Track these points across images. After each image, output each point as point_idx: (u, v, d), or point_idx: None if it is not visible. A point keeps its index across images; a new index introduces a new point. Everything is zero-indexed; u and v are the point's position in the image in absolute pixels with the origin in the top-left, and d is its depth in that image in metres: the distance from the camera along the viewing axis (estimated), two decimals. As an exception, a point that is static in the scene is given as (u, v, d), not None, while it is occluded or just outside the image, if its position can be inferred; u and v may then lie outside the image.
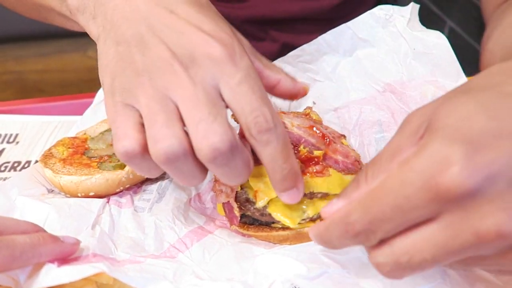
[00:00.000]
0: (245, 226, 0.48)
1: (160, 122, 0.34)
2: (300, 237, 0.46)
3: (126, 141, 0.35)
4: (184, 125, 0.36)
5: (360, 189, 0.31)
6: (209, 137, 0.33)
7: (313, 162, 0.47)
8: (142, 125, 0.35)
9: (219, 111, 0.35)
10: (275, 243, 0.48)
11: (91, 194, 0.49)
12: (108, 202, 0.49)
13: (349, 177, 0.47)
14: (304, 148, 0.46)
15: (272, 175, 0.38)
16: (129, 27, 0.36)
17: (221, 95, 0.36)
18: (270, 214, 0.45)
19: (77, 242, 0.39)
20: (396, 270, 0.29)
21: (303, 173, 0.45)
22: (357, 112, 0.57)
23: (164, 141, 0.34)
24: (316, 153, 0.46)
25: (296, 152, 0.46)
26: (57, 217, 0.44)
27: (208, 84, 0.35)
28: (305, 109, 0.56)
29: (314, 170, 0.46)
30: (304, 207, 0.46)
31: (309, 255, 0.42)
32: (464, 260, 0.28)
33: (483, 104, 0.27)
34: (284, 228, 0.46)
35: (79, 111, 0.66)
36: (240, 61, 0.35)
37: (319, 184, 0.46)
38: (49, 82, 1.85)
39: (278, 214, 0.45)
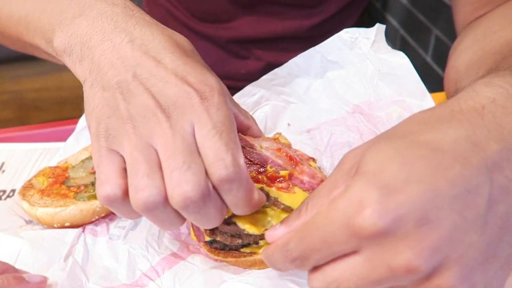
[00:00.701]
0: (216, 252, 0.49)
1: (141, 172, 0.35)
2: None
3: (108, 186, 0.35)
4: None
5: (300, 218, 0.34)
6: (181, 186, 0.34)
7: (279, 180, 0.48)
8: (125, 170, 0.36)
9: (194, 159, 0.35)
10: (244, 268, 0.49)
11: (67, 224, 0.50)
12: (83, 231, 0.49)
13: None
14: (270, 168, 0.47)
15: (235, 210, 0.40)
16: (116, 74, 0.36)
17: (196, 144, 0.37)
18: (235, 223, 0.46)
19: (44, 280, 0.41)
20: None
21: (269, 186, 0.47)
22: (328, 134, 0.57)
23: (144, 191, 0.34)
24: (282, 172, 0.48)
25: (263, 171, 0.47)
26: (30, 251, 0.46)
27: (187, 131, 0.36)
28: (274, 135, 0.57)
29: (280, 186, 0.48)
30: (269, 218, 0.47)
31: (274, 280, 0.43)
32: None
33: (398, 151, 0.30)
34: (252, 253, 0.47)
35: (64, 137, 0.67)
36: (216, 112, 0.37)
37: (284, 196, 0.47)
38: (46, 100, 1.88)
39: (244, 224, 0.46)
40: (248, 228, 0.45)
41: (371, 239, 0.29)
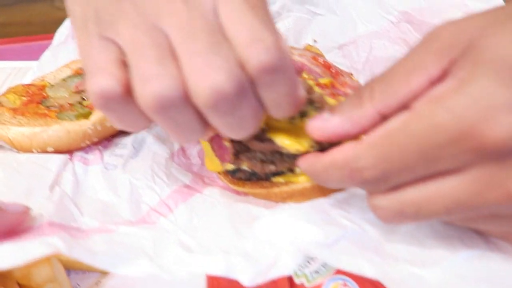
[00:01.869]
0: (240, 182, 0.40)
1: (149, 57, 0.27)
2: (307, 193, 0.38)
3: (103, 77, 0.27)
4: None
5: (363, 108, 0.28)
6: (209, 74, 0.26)
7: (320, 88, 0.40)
8: (124, 63, 0.28)
9: (221, 41, 0.27)
10: (277, 202, 0.40)
11: (49, 149, 0.41)
12: (70, 158, 0.42)
13: None
14: (307, 76, 0.38)
15: (276, 114, 0.31)
16: None
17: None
18: (270, 140, 0.36)
19: (26, 210, 0.31)
20: (397, 218, 0.28)
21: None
22: (367, 48, 0.51)
23: (156, 80, 0.26)
24: (323, 80, 0.39)
25: None
26: (2, 177, 0.35)
27: (207, 7, 0.27)
28: (304, 46, 0.47)
29: (324, 93, 0.38)
30: None
31: (321, 215, 0.34)
32: (469, 216, 0.27)
33: None
34: (287, 182, 0.38)
35: (36, 55, 0.57)
36: None
37: (330, 101, 0.38)
38: (15, 36, 1.70)
39: (281, 138, 0.36)
40: (289, 145, 0.35)
41: (495, 156, 0.24)
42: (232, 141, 0.37)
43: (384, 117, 0.28)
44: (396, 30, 0.50)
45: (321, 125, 0.29)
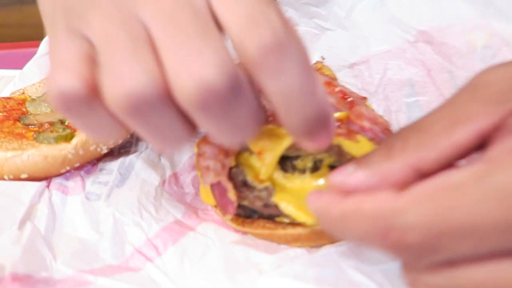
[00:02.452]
0: (240, 220, 0.36)
1: (123, 51, 0.23)
2: (316, 237, 0.34)
3: (64, 75, 0.23)
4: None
5: (393, 160, 0.24)
6: (195, 67, 0.22)
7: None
8: (93, 59, 0.24)
9: (211, 30, 0.23)
10: (279, 243, 0.35)
11: (23, 176, 0.37)
12: (48, 186, 0.38)
13: None
14: None
15: (288, 120, 0.25)
16: None
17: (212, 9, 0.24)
18: (276, 206, 0.32)
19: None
20: None
21: None
22: (381, 69, 0.47)
23: (127, 77, 0.22)
24: (338, 115, 0.35)
25: None
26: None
27: None
28: (315, 64, 0.43)
29: (338, 132, 0.34)
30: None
31: (333, 269, 0.30)
32: None
33: None
34: (294, 224, 0.34)
35: (21, 64, 0.53)
36: None
37: (347, 145, 0.34)
38: (6, 39, 1.65)
39: (289, 207, 0.32)
40: (297, 215, 0.33)
41: None
42: (238, 193, 0.33)
43: (419, 175, 0.23)
44: (413, 51, 0.46)
45: (343, 179, 0.25)
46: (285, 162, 0.34)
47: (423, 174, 0.23)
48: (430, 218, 0.21)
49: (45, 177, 0.38)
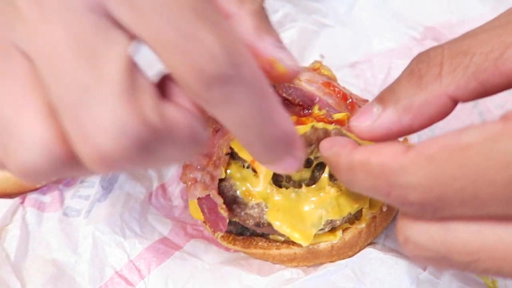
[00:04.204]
0: (231, 237, 0.33)
1: (10, 104, 0.19)
2: (312, 257, 0.32)
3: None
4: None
5: (427, 90, 0.22)
6: (89, 137, 0.18)
7: None
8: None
9: (104, 60, 0.18)
10: (273, 263, 0.33)
11: None
12: (22, 203, 0.35)
13: None
14: (319, 110, 0.32)
15: (248, 148, 0.23)
16: None
17: (112, 18, 0.19)
18: (270, 225, 0.29)
19: None
20: (433, 262, 0.22)
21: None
22: (385, 69, 0.44)
23: (22, 148, 0.19)
24: (337, 116, 0.32)
25: (307, 113, 0.32)
26: None
27: (80, 3, 0.19)
28: (312, 63, 0.40)
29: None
30: (322, 209, 0.30)
31: None
32: None
33: None
34: (289, 242, 0.31)
35: None
36: None
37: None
38: None
39: (283, 226, 0.29)
40: (291, 235, 0.30)
41: None
42: (228, 209, 0.30)
43: (455, 103, 0.21)
44: (420, 48, 0.42)
45: (369, 123, 0.23)
46: (280, 175, 0.31)
47: (462, 101, 0.21)
48: (431, 181, 0.19)
49: (20, 193, 0.35)
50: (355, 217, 0.31)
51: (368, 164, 0.21)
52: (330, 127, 0.29)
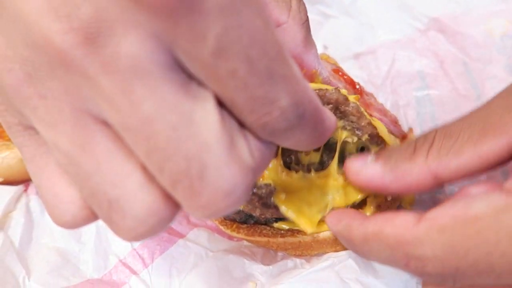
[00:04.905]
0: (234, 226, 0.33)
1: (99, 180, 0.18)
2: (317, 246, 0.32)
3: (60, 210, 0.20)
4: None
5: (414, 162, 0.24)
6: (206, 203, 0.18)
7: None
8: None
9: (201, 122, 0.17)
10: (276, 251, 0.33)
11: None
12: (25, 190, 0.36)
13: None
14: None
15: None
16: None
17: (186, 71, 0.18)
18: (276, 207, 0.30)
19: None
20: None
21: None
22: (389, 60, 0.43)
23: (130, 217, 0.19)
24: (350, 97, 0.32)
25: None
26: None
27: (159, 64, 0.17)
28: (320, 54, 0.40)
29: None
30: (329, 196, 0.30)
31: (336, 285, 0.27)
32: None
33: None
34: (294, 231, 0.31)
35: None
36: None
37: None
38: None
39: (289, 211, 0.29)
40: (297, 220, 0.30)
41: None
42: None
43: (437, 181, 0.23)
44: (424, 40, 0.43)
45: (359, 168, 0.26)
46: (289, 155, 0.32)
47: (441, 182, 0.23)
48: (446, 253, 0.21)
49: (23, 181, 0.36)
50: (359, 206, 0.31)
51: (383, 236, 0.23)
52: (351, 97, 0.30)
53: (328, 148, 0.30)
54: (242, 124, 0.18)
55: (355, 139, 0.30)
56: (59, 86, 0.17)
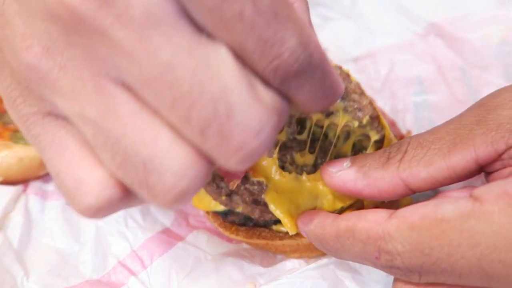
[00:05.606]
0: (233, 228, 0.33)
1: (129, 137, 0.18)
2: (314, 248, 0.32)
3: (88, 194, 0.19)
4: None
5: (387, 170, 0.25)
6: (237, 145, 0.18)
7: None
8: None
9: (220, 67, 0.18)
10: (275, 253, 0.33)
11: None
12: (25, 191, 0.36)
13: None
14: None
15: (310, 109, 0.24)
16: None
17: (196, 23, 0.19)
18: (265, 205, 0.30)
19: None
20: None
21: None
22: (387, 64, 0.44)
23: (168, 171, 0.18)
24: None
25: None
26: None
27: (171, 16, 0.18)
28: None
29: None
30: (318, 200, 0.30)
31: (329, 281, 0.28)
32: None
33: None
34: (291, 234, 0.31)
35: None
36: None
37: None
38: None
39: (277, 210, 0.29)
40: (281, 218, 0.30)
41: None
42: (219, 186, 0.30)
43: (409, 189, 0.25)
44: (423, 45, 0.43)
45: (334, 172, 0.26)
46: (285, 155, 0.32)
47: (412, 190, 0.24)
48: (413, 249, 0.22)
49: (22, 180, 0.36)
50: (357, 209, 0.31)
51: (356, 231, 0.24)
52: (352, 78, 0.30)
53: (323, 150, 0.30)
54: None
55: (356, 123, 0.30)
56: (76, 54, 0.18)
